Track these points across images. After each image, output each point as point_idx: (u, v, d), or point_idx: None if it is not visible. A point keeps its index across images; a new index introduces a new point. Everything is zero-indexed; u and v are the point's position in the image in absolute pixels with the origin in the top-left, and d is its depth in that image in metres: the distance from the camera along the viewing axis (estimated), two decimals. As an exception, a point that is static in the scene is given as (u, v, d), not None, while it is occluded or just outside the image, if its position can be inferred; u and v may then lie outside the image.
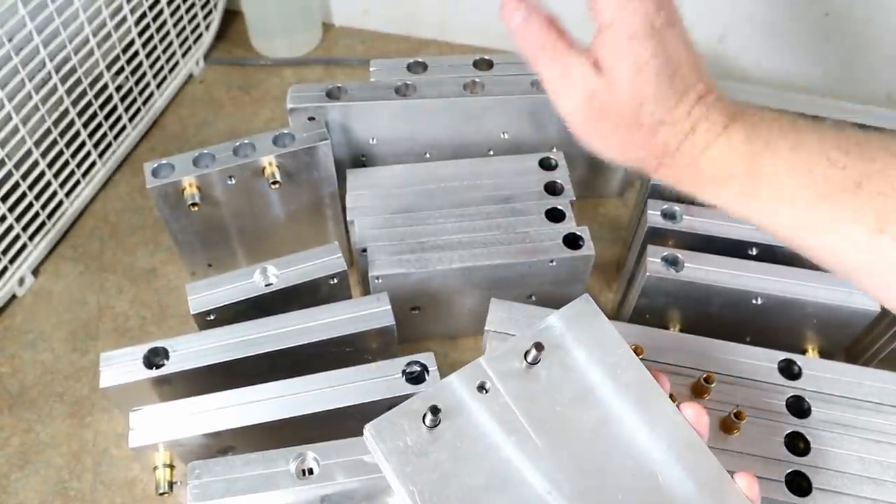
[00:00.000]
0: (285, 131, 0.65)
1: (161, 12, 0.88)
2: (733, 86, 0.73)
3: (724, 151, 0.37)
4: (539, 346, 0.36)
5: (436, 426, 0.34)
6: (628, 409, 0.36)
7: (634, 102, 0.37)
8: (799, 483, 0.50)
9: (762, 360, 0.56)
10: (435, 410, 0.33)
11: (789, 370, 0.55)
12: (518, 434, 0.34)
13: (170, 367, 0.53)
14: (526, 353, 0.36)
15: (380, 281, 0.61)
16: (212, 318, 0.58)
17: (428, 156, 0.72)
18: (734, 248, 0.62)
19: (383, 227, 0.64)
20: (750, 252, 0.63)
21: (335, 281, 0.60)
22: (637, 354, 0.38)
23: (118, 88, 0.84)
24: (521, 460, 0.34)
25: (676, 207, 0.63)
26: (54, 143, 0.76)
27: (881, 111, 0.72)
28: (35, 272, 0.78)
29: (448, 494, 0.32)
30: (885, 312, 0.61)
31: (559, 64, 0.39)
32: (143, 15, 0.85)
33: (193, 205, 0.63)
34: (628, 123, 0.37)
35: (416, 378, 0.51)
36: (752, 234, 0.62)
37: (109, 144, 0.85)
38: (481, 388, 0.35)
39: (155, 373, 0.53)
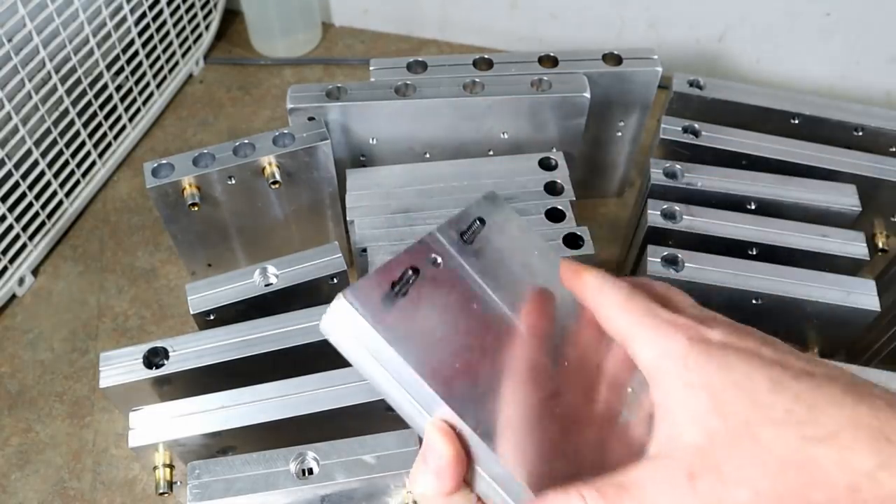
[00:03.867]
0: (285, 131, 0.65)
1: (161, 12, 0.88)
2: (733, 86, 0.73)
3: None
4: (482, 221, 0.37)
5: (405, 295, 0.33)
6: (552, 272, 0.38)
7: None
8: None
9: (762, 360, 0.55)
10: (407, 279, 0.33)
11: (789, 370, 0.55)
12: (479, 296, 0.35)
13: (170, 367, 0.53)
14: (463, 233, 0.37)
15: (380, 281, 0.61)
16: (212, 318, 0.58)
17: (428, 156, 0.72)
18: (734, 248, 0.62)
19: (383, 227, 0.64)
20: (750, 252, 0.63)
21: (335, 281, 0.59)
22: None
23: (118, 88, 0.84)
24: (487, 310, 0.35)
25: (676, 207, 0.63)
26: (54, 143, 0.76)
27: (881, 111, 0.72)
28: (35, 272, 0.78)
29: (432, 346, 0.32)
30: (885, 312, 0.61)
31: None
32: (143, 15, 0.85)
33: (193, 205, 0.63)
34: None
35: (416, 378, 0.51)
36: (752, 234, 0.62)
37: (109, 144, 0.85)
38: (434, 262, 0.35)
39: (155, 373, 0.53)
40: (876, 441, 0.25)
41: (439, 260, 0.35)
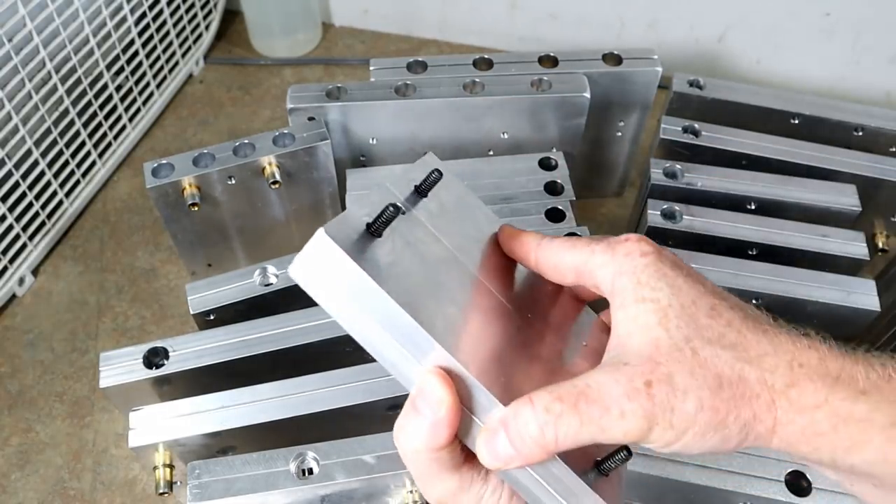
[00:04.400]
0: (285, 131, 0.65)
1: (161, 12, 0.88)
2: (733, 86, 0.73)
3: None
4: (439, 172, 0.35)
5: (379, 236, 0.31)
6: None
7: None
8: (799, 483, 0.50)
9: (762, 360, 0.55)
10: (388, 219, 0.31)
11: (789, 370, 0.55)
12: (440, 245, 0.33)
13: (170, 367, 0.53)
14: (419, 185, 0.35)
15: (380, 281, 0.61)
16: (212, 318, 0.58)
17: (428, 156, 0.72)
18: (734, 248, 0.62)
19: (383, 227, 0.64)
20: (750, 252, 0.63)
21: (335, 281, 0.59)
22: None
23: (118, 88, 0.84)
24: (449, 262, 0.33)
25: (676, 207, 0.63)
26: (54, 143, 0.76)
27: (881, 111, 0.72)
28: (35, 272, 0.78)
29: (411, 283, 0.30)
30: (885, 312, 0.61)
31: None
32: (143, 15, 0.85)
33: (193, 205, 0.63)
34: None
35: (415, 378, 0.51)
36: (752, 234, 0.62)
37: (109, 144, 0.85)
38: (396, 209, 0.33)
39: (155, 373, 0.53)
40: (790, 366, 0.29)
41: (402, 208, 0.33)
